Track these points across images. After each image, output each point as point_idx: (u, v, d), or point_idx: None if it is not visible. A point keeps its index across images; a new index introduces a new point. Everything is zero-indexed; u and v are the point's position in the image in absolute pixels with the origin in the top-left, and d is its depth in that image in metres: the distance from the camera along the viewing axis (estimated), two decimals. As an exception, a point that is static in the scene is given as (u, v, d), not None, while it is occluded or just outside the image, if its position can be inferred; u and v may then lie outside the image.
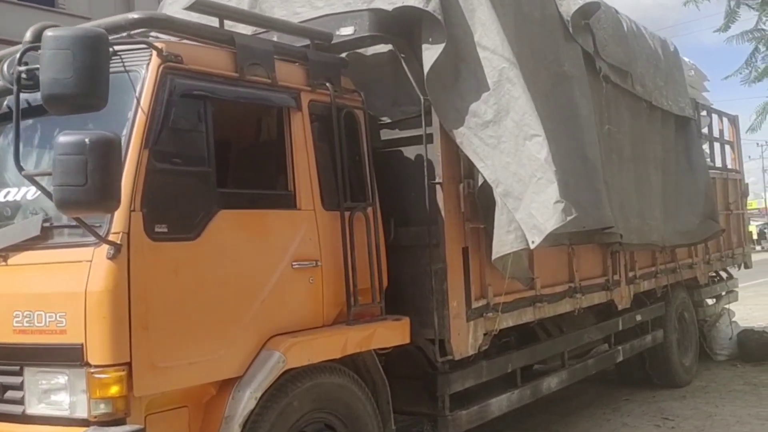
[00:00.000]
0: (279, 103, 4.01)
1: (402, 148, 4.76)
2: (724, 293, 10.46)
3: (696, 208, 7.81)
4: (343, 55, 4.74)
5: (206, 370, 3.43)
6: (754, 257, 10.95)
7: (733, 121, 10.71)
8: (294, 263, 3.87)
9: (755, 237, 40.81)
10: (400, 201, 4.68)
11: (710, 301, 9.96)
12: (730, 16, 10.74)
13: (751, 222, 59.86)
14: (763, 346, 9.53)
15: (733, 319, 10.15)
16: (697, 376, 8.70)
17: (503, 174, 4.46)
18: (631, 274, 7.00)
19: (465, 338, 4.66)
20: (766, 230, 47.55)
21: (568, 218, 4.28)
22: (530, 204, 4.38)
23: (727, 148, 10.52)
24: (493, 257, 4.58)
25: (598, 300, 6.36)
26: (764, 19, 10.62)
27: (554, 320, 6.06)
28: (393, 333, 4.33)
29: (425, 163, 4.51)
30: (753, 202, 67.30)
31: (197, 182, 3.54)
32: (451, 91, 4.56)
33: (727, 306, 10.27)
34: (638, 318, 7.31)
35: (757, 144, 65.90)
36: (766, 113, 9.79)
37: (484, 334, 4.88)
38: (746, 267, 10.75)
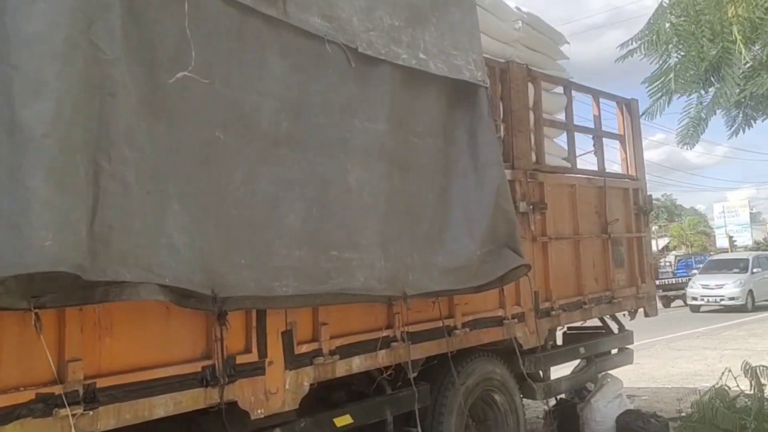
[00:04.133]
0: None
1: None
2: (614, 351, 7.33)
3: (477, 231, 4.73)
4: None
5: None
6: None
7: (627, 107, 7.55)
8: None
9: None
10: None
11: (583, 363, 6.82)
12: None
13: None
14: (649, 438, 6.36)
15: (619, 392, 6.96)
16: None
17: None
18: (304, 349, 3.92)
19: None
20: None
21: None
22: None
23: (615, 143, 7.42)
24: None
25: (169, 410, 3.26)
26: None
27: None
28: None
29: None
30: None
31: None
32: None
33: (610, 373, 7.09)
34: (341, 422, 4.19)
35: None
36: (666, 101, 6.65)
37: None
38: (647, 315, 7.54)
